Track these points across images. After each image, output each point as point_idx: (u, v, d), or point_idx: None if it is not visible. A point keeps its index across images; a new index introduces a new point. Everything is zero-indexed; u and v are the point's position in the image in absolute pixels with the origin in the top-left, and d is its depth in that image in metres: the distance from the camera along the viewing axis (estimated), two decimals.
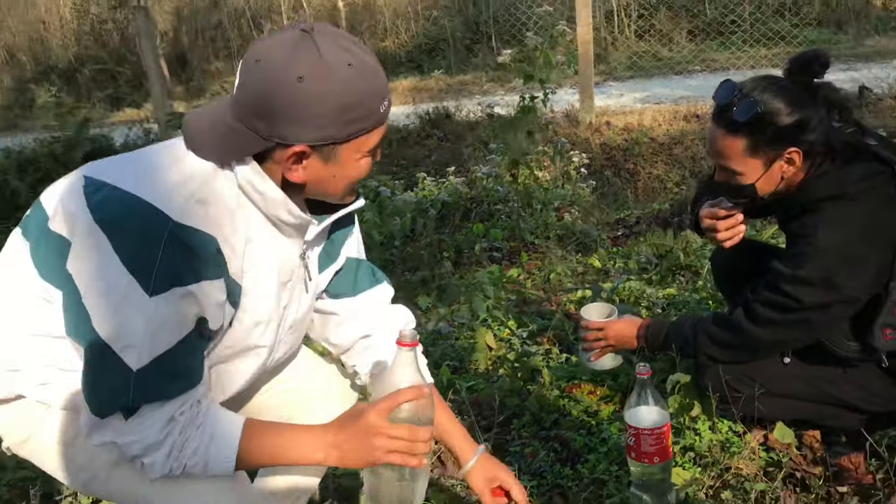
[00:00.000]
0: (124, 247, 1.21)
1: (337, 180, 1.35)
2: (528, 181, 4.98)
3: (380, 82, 1.31)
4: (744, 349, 1.97)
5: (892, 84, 6.49)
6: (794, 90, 1.86)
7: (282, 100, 1.23)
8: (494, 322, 3.06)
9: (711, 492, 1.94)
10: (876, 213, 1.83)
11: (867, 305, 1.86)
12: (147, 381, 1.22)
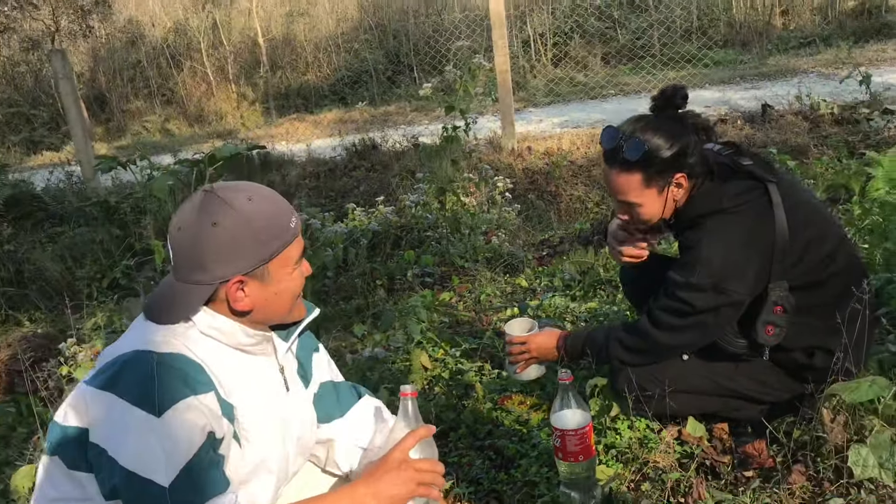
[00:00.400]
0: (126, 390, 1.40)
1: (279, 297, 1.56)
2: (455, 207, 5.18)
3: (281, 205, 1.56)
4: (650, 352, 2.20)
5: (791, 101, 6.97)
6: (667, 123, 2.12)
7: (207, 247, 1.47)
8: (429, 343, 3.22)
9: (633, 485, 2.15)
10: (751, 224, 2.09)
11: (751, 306, 2.10)
12: (181, 492, 1.37)
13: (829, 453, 2.04)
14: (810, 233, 2.12)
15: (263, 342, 1.61)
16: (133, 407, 1.38)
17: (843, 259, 2.17)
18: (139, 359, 1.44)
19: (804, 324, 2.13)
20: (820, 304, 2.13)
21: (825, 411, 2.08)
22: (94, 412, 1.42)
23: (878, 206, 3.31)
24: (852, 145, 5.89)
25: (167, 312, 1.51)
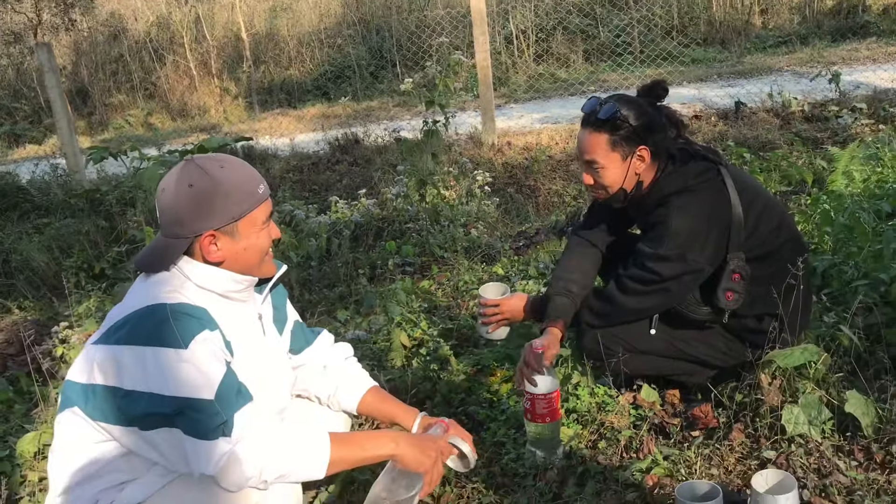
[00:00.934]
0: (150, 338, 1.66)
1: (248, 252, 1.83)
2: (435, 200, 5.42)
3: (250, 172, 1.84)
4: (616, 316, 2.44)
5: (764, 99, 7.26)
6: (644, 104, 2.38)
7: (184, 205, 1.75)
8: (408, 324, 3.46)
9: (590, 443, 2.40)
10: (712, 200, 2.35)
11: (712, 276, 2.36)
12: (224, 400, 1.65)
13: (765, 413, 2.30)
14: (758, 208, 2.39)
15: (248, 288, 1.88)
16: (161, 349, 1.64)
17: (787, 232, 2.44)
18: (152, 310, 1.70)
19: (757, 292, 2.39)
20: (769, 274, 2.39)
21: (763, 376, 2.35)
22: (128, 366, 1.66)
23: (828, 197, 3.58)
24: (820, 141, 6.19)
25: (154, 263, 1.80)
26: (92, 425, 1.74)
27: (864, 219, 3.15)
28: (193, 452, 1.62)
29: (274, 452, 1.66)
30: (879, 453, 2.16)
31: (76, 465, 1.76)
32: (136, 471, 1.75)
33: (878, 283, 2.81)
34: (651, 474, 2.19)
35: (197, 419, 1.62)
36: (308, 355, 2.15)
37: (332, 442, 1.75)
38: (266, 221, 1.86)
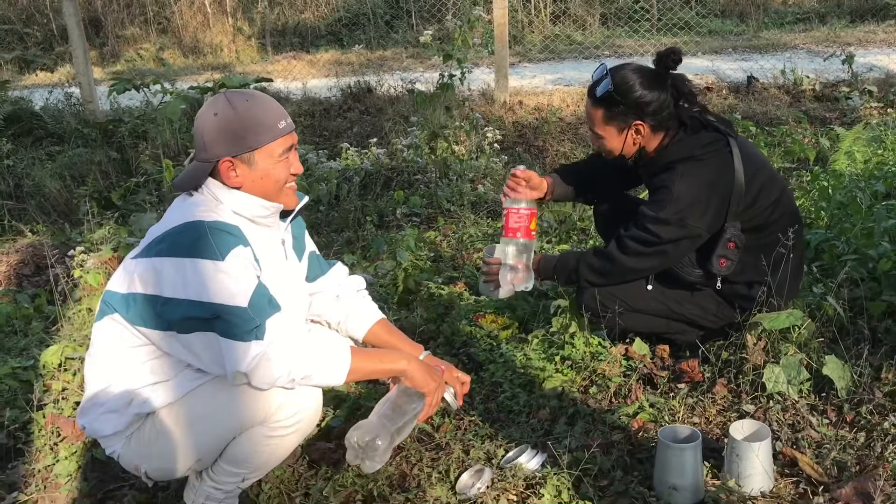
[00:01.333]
0: (189, 251, 1.84)
1: (264, 181, 1.97)
2: (445, 154, 5.54)
3: (273, 108, 1.97)
4: (614, 275, 2.60)
5: (776, 75, 7.34)
6: (649, 77, 2.49)
7: (208, 132, 1.93)
8: (415, 270, 3.62)
9: (582, 388, 2.58)
10: (716, 170, 2.49)
11: (708, 242, 2.51)
12: (257, 307, 1.82)
13: (748, 371, 2.48)
14: (760, 182, 2.53)
15: (273, 215, 2.04)
16: (200, 260, 1.82)
17: (784, 206, 2.59)
18: (192, 226, 1.87)
19: (749, 261, 2.55)
20: (762, 244, 2.54)
21: (749, 336, 2.51)
22: (168, 276, 1.84)
23: (828, 175, 3.71)
24: (828, 121, 6.29)
25: (185, 184, 1.99)
26: (131, 330, 1.90)
27: (860, 197, 3.30)
28: (229, 353, 1.79)
29: (301, 355, 1.84)
30: (850, 413, 2.34)
31: (113, 367, 1.94)
32: (168, 373, 1.92)
33: (866, 258, 2.97)
34: (637, 418, 2.37)
35: (232, 323, 1.79)
36: (322, 283, 2.31)
37: (352, 352, 1.92)
38: (284, 154, 1.98)
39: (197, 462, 1.99)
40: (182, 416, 1.94)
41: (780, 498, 2.06)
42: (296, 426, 1.96)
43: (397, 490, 2.17)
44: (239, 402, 1.88)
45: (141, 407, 1.95)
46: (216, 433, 1.95)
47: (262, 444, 1.96)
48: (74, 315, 3.54)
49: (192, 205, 1.95)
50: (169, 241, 1.87)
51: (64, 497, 2.31)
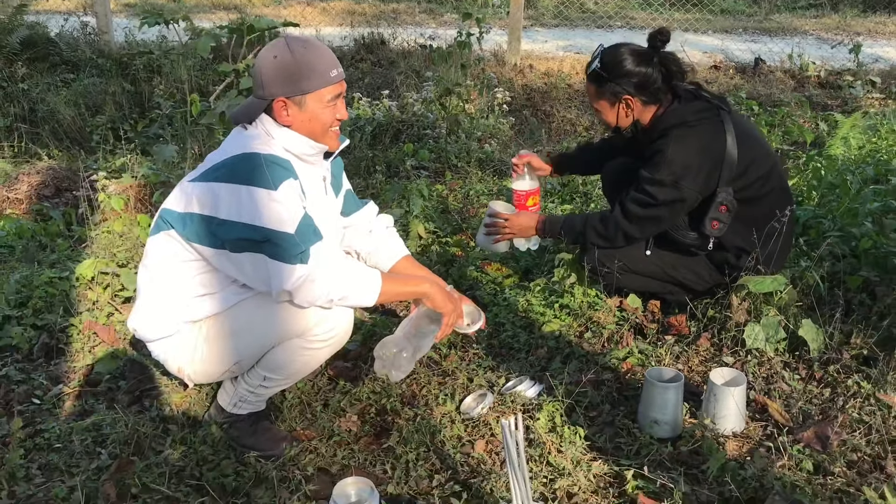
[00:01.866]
0: (246, 178, 2.06)
1: (312, 123, 2.18)
2: (456, 110, 5.74)
3: (327, 57, 2.15)
4: (618, 239, 2.82)
5: (784, 59, 7.53)
6: (637, 55, 2.72)
7: (266, 72, 2.13)
8: (425, 219, 3.85)
9: (578, 332, 2.84)
10: (707, 136, 2.72)
11: (702, 205, 2.75)
12: (303, 235, 2.05)
13: (731, 328, 2.74)
14: (752, 154, 2.76)
15: (318, 154, 2.25)
16: (255, 188, 2.04)
17: (775, 181, 2.82)
18: (249, 157, 2.09)
19: (739, 230, 2.79)
20: (753, 216, 2.79)
21: (734, 297, 2.77)
22: (225, 200, 2.07)
23: (822, 158, 3.96)
24: (829, 108, 6.52)
25: (241, 116, 2.21)
26: (185, 246, 2.14)
27: (850, 180, 3.54)
28: (276, 273, 2.03)
29: (340, 278, 2.08)
30: (819, 371, 2.61)
31: (166, 278, 2.18)
32: (215, 287, 2.16)
33: (850, 237, 3.22)
34: (626, 361, 2.64)
35: (281, 247, 2.02)
36: (356, 218, 2.55)
37: (382, 276, 2.16)
38: (332, 100, 2.18)
39: (236, 366, 2.23)
40: (226, 327, 2.19)
41: (750, 438, 2.34)
42: (330, 340, 2.20)
43: (408, 406, 2.43)
44: (280, 316, 2.12)
45: (189, 315, 2.19)
46: (257, 343, 2.19)
47: (298, 354, 2.20)
48: (97, 236, 3.76)
49: (249, 137, 2.16)
50: (227, 168, 2.10)
51: (104, 392, 2.56)
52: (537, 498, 2.05)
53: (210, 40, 3.97)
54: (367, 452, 2.27)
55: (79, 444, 2.27)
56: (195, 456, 2.24)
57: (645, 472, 2.13)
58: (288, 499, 2.04)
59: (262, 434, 2.32)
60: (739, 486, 2.08)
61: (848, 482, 2.10)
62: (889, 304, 2.88)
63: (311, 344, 2.17)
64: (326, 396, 2.50)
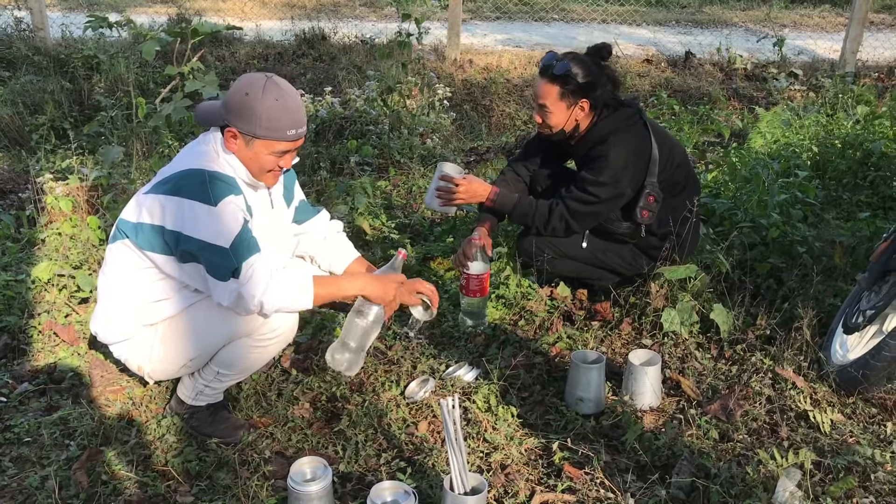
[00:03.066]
0: (190, 193, 2.25)
1: (252, 162, 2.36)
2: (398, 107, 5.97)
3: (293, 117, 2.30)
4: (558, 230, 3.10)
5: (712, 52, 7.95)
6: (591, 63, 3.01)
7: (233, 100, 2.29)
8: (370, 215, 4.09)
9: (512, 321, 3.13)
10: (638, 138, 3.04)
11: (632, 199, 3.06)
12: (238, 249, 2.22)
13: (650, 313, 3.06)
14: (667, 149, 3.09)
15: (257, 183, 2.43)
16: (196, 202, 2.24)
17: (687, 170, 3.16)
18: (194, 173, 2.29)
19: (663, 217, 3.11)
20: (672, 206, 3.11)
21: (653, 284, 3.09)
22: (170, 212, 2.27)
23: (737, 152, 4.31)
24: (755, 100, 6.94)
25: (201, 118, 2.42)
26: (139, 254, 2.35)
27: (763, 174, 3.90)
28: (213, 288, 2.26)
29: (271, 291, 2.24)
30: (728, 351, 2.94)
31: (123, 284, 2.39)
32: (169, 292, 2.38)
33: (760, 227, 3.57)
34: (555, 346, 2.94)
35: (214, 262, 2.23)
36: (309, 225, 2.76)
37: (315, 282, 2.34)
38: (280, 153, 2.34)
39: (191, 363, 2.45)
40: (180, 328, 2.40)
41: (664, 411, 2.65)
42: (276, 339, 2.42)
43: (356, 393, 2.69)
44: (228, 318, 2.34)
45: (146, 319, 2.40)
46: (208, 343, 2.41)
47: (248, 351, 2.42)
48: (47, 238, 3.90)
49: (199, 154, 2.35)
50: (174, 183, 2.29)
51: (68, 389, 2.75)
52: (475, 470, 2.32)
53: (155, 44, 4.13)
54: (319, 436, 2.51)
55: (48, 437, 2.46)
56: (160, 444, 2.46)
57: (570, 445, 2.43)
58: (248, 479, 2.28)
59: (220, 423, 2.54)
60: (653, 454, 2.39)
61: (747, 447, 2.42)
62: (792, 288, 3.24)
63: (258, 342, 2.40)
64: (280, 386, 2.73)
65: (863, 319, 2.75)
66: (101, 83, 6.63)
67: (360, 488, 2.28)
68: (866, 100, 5.76)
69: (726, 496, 2.17)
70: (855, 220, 3.88)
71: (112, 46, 6.99)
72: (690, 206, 3.08)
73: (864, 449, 2.36)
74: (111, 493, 2.26)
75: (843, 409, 2.63)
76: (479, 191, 3.22)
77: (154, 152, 4.70)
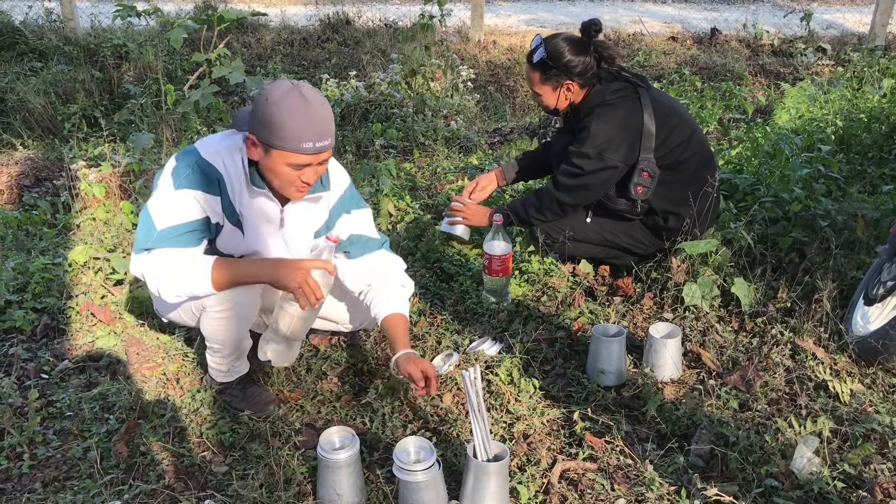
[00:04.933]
0: (171, 169, 2.30)
1: (271, 174, 2.28)
2: (421, 90, 6.04)
3: (314, 129, 2.17)
4: (552, 209, 3.17)
5: (739, 28, 7.90)
6: (576, 44, 3.05)
7: (257, 107, 2.22)
8: (394, 196, 4.17)
9: (535, 297, 3.19)
10: (624, 112, 3.07)
11: (628, 175, 3.10)
12: (167, 236, 2.24)
13: (671, 287, 3.11)
14: (671, 124, 3.10)
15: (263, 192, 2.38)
16: (168, 178, 2.30)
17: (695, 147, 3.17)
18: (189, 152, 2.34)
19: (664, 195, 3.14)
20: (676, 180, 3.14)
21: (674, 259, 3.14)
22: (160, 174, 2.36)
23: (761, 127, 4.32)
24: (782, 76, 6.90)
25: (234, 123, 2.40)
26: None
27: (786, 149, 3.91)
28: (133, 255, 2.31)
29: (167, 280, 2.25)
30: (749, 324, 2.99)
31: None
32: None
33: (782, 202, 3.59)
34: (578, 321, 3.00)
35: (141, 233, 2.29)
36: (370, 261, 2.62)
37: (214, 267, 2.24)
38: (298, 167, 2.23)
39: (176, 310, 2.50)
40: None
41: (685, 383, 2.71)
42: (227, 313, 2.40)
43: (383, 367, 2.77)
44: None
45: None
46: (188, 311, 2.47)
47: (212, 323, 2.44)
48: (82, 223, 4.04)
49: (222, 139, 2.39)
50: (175, 155, 2.37)
51: (106, 366, 2.87)
52: (497, 439, 2.40)
53: (182, 31, 4.21)
54: (347, 408, 2.60)
55: (88, 412, 2.58)
56: (194, 417, 2.57)
57: (591, 415, 2.50)
58: (280, 449, 2.37)
59: (251, 397, 2.64)
60: (673, 424, 2.45)
61: (766, 416, 2.47)
62: (813, 261, 3.27)
63: (214, 315, 2.41)
64: (309, 362, 2.83)
65: (883, 291, 2.78)
66: (130, 71, 6.77)
67: (388, 457, 2.36)
68: (893, 73, 5.71)
69: (744, 463, 2.22)
70: (879, 193, 3.88)
71: (140, 35, 7.12)
72: (701, 185, 3.11)
73: (882, 417, 2.40)
74: (149, 463, 2.37)
75: (862, 380, 2.67)
76: (478, 213, 3.37)
77: (183, 138, 4.82)
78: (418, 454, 2.14)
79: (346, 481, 2.14)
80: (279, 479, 2.21)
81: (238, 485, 2.23)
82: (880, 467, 2.20)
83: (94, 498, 2.21)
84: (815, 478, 2.14)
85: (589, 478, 2.24)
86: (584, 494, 2.18)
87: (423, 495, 2.06)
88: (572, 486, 2.22)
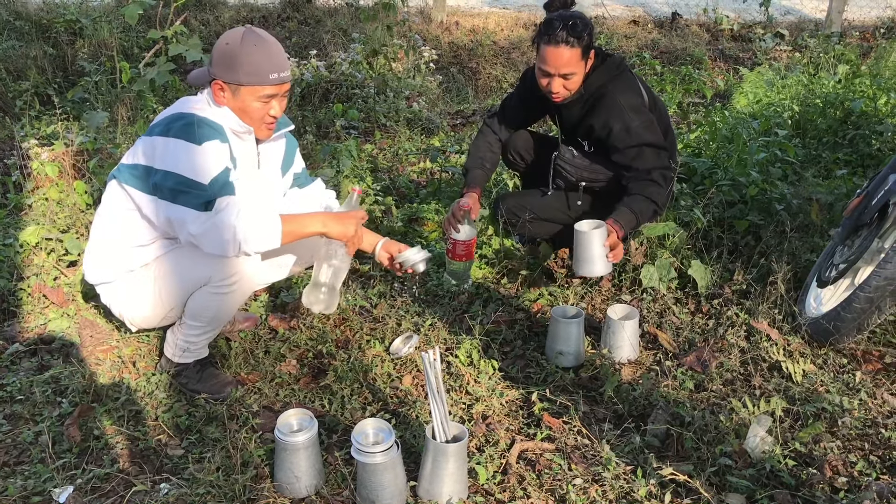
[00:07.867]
0: (176, 134, 2.33)
1: (243, 112, 2.43)
2: (383, 70, 5.99)
3: (274, 61, 2.37)
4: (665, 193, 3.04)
5: (699, 13, 7.96)
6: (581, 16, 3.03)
7: (216, 53, 2.39)
8: (355, 178, 4.14)
9: (495, 279, 3.20)
10: (630, 81, 3.06)
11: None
12: (214, 187, 2.29)
13: (629, 269, 3.13)
14: (653, 100, 3.12)
15: (248, 132, 2.50)
16: (182, 141, 2.31)
17: (669, 128, 3.19)
18: (183, 115, 2.36)
19: None
20: None
21: (632, 242, 3.16)
22: (159, 152, 2.35)
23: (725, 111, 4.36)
24: (741, 60, 6.97)
25: (193, 81, 2.50)
26: (125, 195, 2.43)
27: (744, 133, 3.96)
28: (187, 217, 2.30)
29: (240, 226, 2.30)
30: (706, 306, 3.02)
31: (109, 225, 2.49)
32: (148, 239, 2.47)
33: (739, 185, 3.64)
34: (537, 303, 3.01)
35: (191, 194, 2.29)
36: (309, 191, 2.86)
37: (282, 220, 2.40)
38: (266, 98, 2.41)
39: (171, 313, 2.53)
40: (153, 274, 2.49)
41: (642, 364, 2.74)
42: (233, 286, 2.46)
43: (342, 349, 2.76)
44: (191, 266, 2.43)
45: (127, 264, 2.49)
46: (176, 290, 2.49)
47: (209, 300, 2.47)
48: (34, 203, 3.94)
49: (191, 101, 2.45)
50: (164, 125, 2.37)
51: (59, 349, 2.82)
52: (457, 420, 2.40)
53: (138, 7, 4.12)
54: (306, 391, 2.59)
55: (40, 395, 2.53)
56: (150, 400, 2.53)
57: (549, 396, 2.51)
58: (237, 432, 2.35)
59: (208, 380, 2.61)
60: (630, 404, 2.48)
61: (721, 396, 2.51)
62: (769, 244, 3.31)
63: (217, 290, 2.45)
64: (268, 344, 2.80)
65: (835, 273, 2.84)
66: (84, 48, 6.62)
67: (346, 439, 2.36)
68: (848, 59, 5.80)
69: (699, 442, 2.26)
70: (833, 177, 3.95)
71: (95, 11, 6.96)
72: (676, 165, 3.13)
73: (832, 396, 2.45)
74: (103, 447, 2.33)
75: (814, 360, 2.72)
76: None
77: (139, 117, 4.72)
78: (377, 436, 2.13)
79: (304, 464, 2.13)
80: (236, 463, 2.19)
81: (194, 468, 2.20)
82: (830, 445, 2.25)
83: (45, 482, 2.17)
84: (767, 456, 2.18)
85: (546, 458, 2.26)
86: (541, 474, 2.19)
87: (382, 477, 2.06)
88: (530, 467, 2.23)
